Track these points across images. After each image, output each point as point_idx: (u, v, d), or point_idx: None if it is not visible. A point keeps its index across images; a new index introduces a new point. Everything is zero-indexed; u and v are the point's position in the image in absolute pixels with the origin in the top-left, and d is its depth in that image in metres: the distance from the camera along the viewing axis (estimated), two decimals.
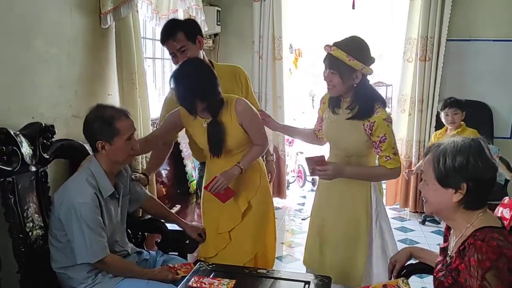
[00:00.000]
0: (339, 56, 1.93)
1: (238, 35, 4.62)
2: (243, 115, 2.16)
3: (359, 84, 1.98)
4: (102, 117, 1.87)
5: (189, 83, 2.03)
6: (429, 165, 1.43)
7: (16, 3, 1.96)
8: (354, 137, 2.02)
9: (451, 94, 4.37)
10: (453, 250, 1.45)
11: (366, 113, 1.97)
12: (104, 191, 1.90)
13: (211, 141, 2.17)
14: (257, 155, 2.27)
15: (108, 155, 1.90)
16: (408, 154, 4.49)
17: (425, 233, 4.12)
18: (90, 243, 1.79)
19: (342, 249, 2.10)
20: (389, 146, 1.96)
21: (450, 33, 4.20)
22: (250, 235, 2.26)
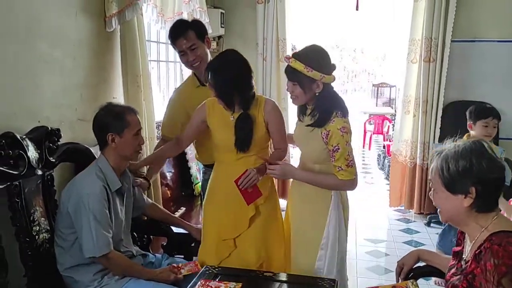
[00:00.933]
0: (298, 68, 1.92)
1: (242, 37, 4.62)
2: (271, 115, 2.14)
3: (320, 93, 1.98)
4: (114, 111, 1.99)
5: (231, 74, 2.03)
6: (435, 174, 1.43)
7: (22, 8, 1.96)
8: (314, 145, 2.01)
9: (455, 95, 4.37)
10: (468, 254, 1.44)
11: (323, 121, 1.97)
12: (112, 184, 1.94)
13: (240, 133, 2.09)
14: (279, 158, 2.20)
15: (117, 149, 1.96)
16: (412, 156, 4.47)
17: (430, 235, 4.10)
18: (97, 236, 1.82)
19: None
20: (341, 157, 1.94)
21: (454, 34, 4.18)
22: (256, 243, 2.16)
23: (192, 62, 2.43)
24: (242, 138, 2.09)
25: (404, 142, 4.54)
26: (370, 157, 7.74)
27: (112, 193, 1.94)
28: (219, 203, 2.18)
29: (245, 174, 2.02)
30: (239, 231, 2.15)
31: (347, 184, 2.01)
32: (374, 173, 6.67)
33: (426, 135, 4.37)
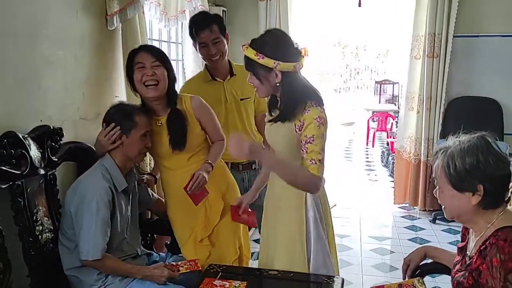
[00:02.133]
0: (250, 56, 1.76)
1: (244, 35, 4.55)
2: (200, 111, 2.15)
3: (282, 82, 1.77)
4: (123, 110, 1.98)
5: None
6: (441, 172, 1.40)
7: (22, 7, 1.95)
8: (286, 139, 1.82)
9: (459, 91, 4.35)
10: (472, 250, 1.42)
11: (290, 114, 1.78)
12: (119, 185, 1.93)
13: (173, 131, 2.07)
14: (221, 150, 2.21)
15: (123, 149, 1.95)
16: (417, 152, 4.45)
17: (436, 232, 4.09)
18: (94, 240, 1.80)
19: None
20: (315, 150, 1.72)
21: (457, 29, 4.16)
22: (232, 232, 2.19)
23: (213, 55, 2.45)
24: (177, 135, 2.07)
25: (408, 139, 4.53)
26: (374, 155, 7.72)
27: (118, 193, 1.93)
28: (185, 208, 2.15)
29: (194, 178, 2.02)
30: (212, 226, 2.15)
31: (315, 182, 1.75)
32: (378, 170, 6.66)
33: (430, 132, 4.35)
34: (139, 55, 2.08)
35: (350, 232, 4.12)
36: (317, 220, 1.93)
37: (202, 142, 2.20)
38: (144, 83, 2.04)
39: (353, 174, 6.42)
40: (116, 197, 1.91)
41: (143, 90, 2.07)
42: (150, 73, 2.03)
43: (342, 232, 4.10)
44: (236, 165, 2.62)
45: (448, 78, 4.23)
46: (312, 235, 1.90)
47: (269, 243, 2.00)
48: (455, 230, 3.99)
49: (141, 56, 2.07)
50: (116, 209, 1.91)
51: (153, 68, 2.04)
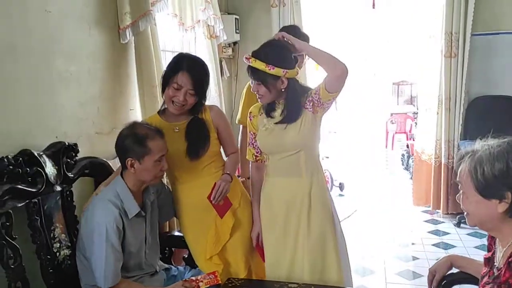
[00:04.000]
0: (259, 67, 1.87)
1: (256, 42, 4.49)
2: (219, 120, 2.15)
3: (287, 88, 1.93)
4: (136, 135, 1.85)
5: (209, 72, 2.11)
6: (466, 177, 1.32)
7: (35, 24, 1.96)
8: (301, 127, 1.94)
9: (479, 90, 4.24)
10: (500, 261, 1.35)
11: (295, 115, 1.94)
12: (129, 211, 1.86)
13: (192, 138, 2.06)
14: (237, 162, 2.25)
15: (135, 174, 1.87)
16: (437, 154, 4.35)
17: (461, 236, 3.97)
18: (106, 268, 1.76)
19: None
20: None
21: (475, 28, 4.06)
22: (242, 250, 2.14)
23: None
24: (196, 143, 2.06)
25: (427, 141, 4.43)
26: (394, 158, 7.58)
27: (130, 219, 1.87)
28: (196, 224, 2.14)
29: (216, 187, 2.01)
30: (221, 244, 2.12)
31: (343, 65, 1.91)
32: (398, 174, 6.54)
33: (451, 133, 4.25)
34: (183, 74, 1.99)
35: (372, 238, 4.04)
36: (339, 221, 2.01)
37: (216, 152, 2.18)
38: (172, 100, 2.03)
39: (373, 178, 6.32)
40: (127, 222, 1.86)
41: (169, 104, 2.07)
42: (182, 98, 2.00)
43: (364, 238, 4.02)
44: None
45: (468, 78, 4.13)
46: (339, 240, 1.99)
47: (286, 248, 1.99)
48: (481, 234, 3.87)
49: (182, 77, 1.99)
50: (128, 234, 1.86)
51: (186, 95, 2.00)
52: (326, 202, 2.03)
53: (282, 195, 2.01)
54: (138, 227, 1.94)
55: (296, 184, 1.98)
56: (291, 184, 1.99)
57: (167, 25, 3.08)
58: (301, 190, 1.98)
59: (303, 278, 1.93)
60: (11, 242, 1.67)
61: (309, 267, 1.93)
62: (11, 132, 1.84)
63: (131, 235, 1.88)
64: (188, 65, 2.01)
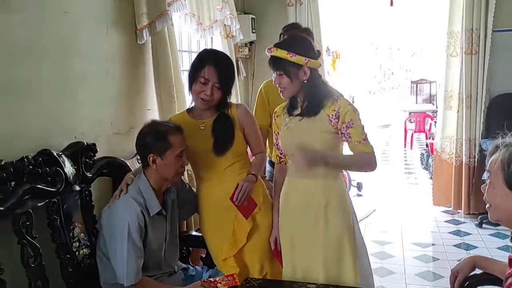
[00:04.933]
0: (281, 55, 1.86)
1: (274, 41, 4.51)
2: (246, 118, 2.13)
3: (309, 80, 1.90)
4: (156, 131, 1.90)
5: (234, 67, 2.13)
6: (497, 167, 1.28)
7: (54, 26, 1.98)
8: (320, 130, 1.89)
9: (501, 87, 4.15)
10: None
11: (315, 108, 1.90)
12: (151, 209, 1.88)
13: (219, 134, 2.05)
14: (263, 163, 2.22)
15: (158, 170, 1.89)
16: (458, 153, 4.27)
17: (482, 236, 3.89)
18: (128, 265, 1.77)
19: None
20: (357, 131, 1.87)
21: (496, 24, 3.98)
22: (257, 255, 2.12)
23: None
24: (222, 138, 2.05)
25: (447, 139, 4.36)
26: (413, 157, 7.49)
27: (151, 217, 1.88)
28: (216, 224, 2.12)
29: (238, 188, 1.98)
30: (237, 248, 2.10)
31: (372, 157, 1.90)
32: (417, 173, 6.45)
33: (472, 132, 4.17)
34: (209, 68, 2.00)
35: (391, 238, 3.98)
36: (359, 231, 1.95)
37: (242, 152, 2.16)
38: (199, 96, 2.04)
39: (391, 178, 6.24)
40: (149, 220, 1.87)
41: (196, 100, 2.08)
42: (209, 93, 2.00)
43: (383, 238, 3.97)
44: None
45: (489, 75, 4.05)
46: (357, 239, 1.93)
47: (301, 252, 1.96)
48: (504, 234, 3.78)
49: (209, 71, 1.99)
50: (149, 232, 1.87)
51: (213, 88, 2.00)
52: (345, 207, 1.96)
53: (298, 196, 1.98)
54: (159, 225, 1.95)
55: (313, 186, 1.93)
56: (307, 186, 1.94)
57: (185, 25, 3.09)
58: (317, 192, 1.93)
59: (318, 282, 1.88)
60: (32, 241, 1.69)
61: (324, 272, 1.89)
62: (30, 133, 1.86)
63: (152, 233, 1.89)
64: (214, 59, 2.03)
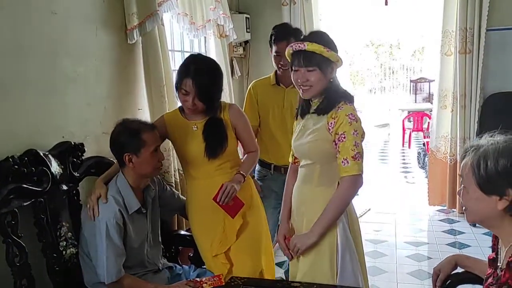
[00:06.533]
0: (316, 50, 1.76)
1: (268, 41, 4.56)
2: (237, 119, 2.15)
3: (333, 78, 1.85)
4: (129, 130, 1.91)
5: (221, 75, 2.09)
6: (469, 170, 1.29)
7: (42, 25, 1.99)
8: (318, 137, 1.82)
9: (495, 86, 4.15)
10: (503, 262, 1.32)
11: (330, 106, 1.81)
12: (130, 207, 1.90)
13: (211, 139, 2.06)
14: (254, 162, 2.24)
15: (135, 168, 1.90)
16: (452, 152, 4.28)
17: (476, 236, 3.89)
18: (107, 264, 1.79)
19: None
20: (346, 146, 1.73)
21: (490, 23, 3.97)
22: (250, 253, 2.13)
23: (284, 65, 2.54)
24: (214, 144, 2.06)
25: (442, 138, 4.36)
26: (410, 156, 7.49)
27: (131, 215, 1.90)
28: (205, 222, 2.14)
29: (222, 189, 1.98)
30: (228, 244, 2.11)
31: (352, 183, 1.76)
32: (414, 172, 6.45)
33: (466, 130, 4.17)
34: (187, 82, 1.98)
35: (385, 237, 3.99)
36: (345, 227, 1.87)
37: (233, 151, 2.18)
38: (184, 104, 2.08)
39: (388, 177, 6.25)
40: (128, 218, 1.89)
41: (183, 105, 2.11)
42: (191, 103, 2.01)
43: (377, 238, 3.97)
44: (278, 167, 2.71)
45: (483, 74, 4.04)
46: (340, 244, 1.83)
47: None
48: None
49: (188, 85, 1.98)
50: (129, 230, 1.89)
51: (195, 99, 2.00)
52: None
53: (294, 198, 1.97)
54: (140, 223, 1.96)
55: (306, 190, 1.91)
56: (303, 189, 1.93)
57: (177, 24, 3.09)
58: (308, 197, 1.90)
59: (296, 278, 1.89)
60: (17, 240, 1.70)
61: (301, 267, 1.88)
62: (17, 132, 1.87)
63: (132, 232, 1.90)
64: (194, 71, 1.99)
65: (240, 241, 2.13)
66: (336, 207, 1.78)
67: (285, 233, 1.97)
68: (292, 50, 1.83)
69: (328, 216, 1.77)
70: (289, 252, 1.90)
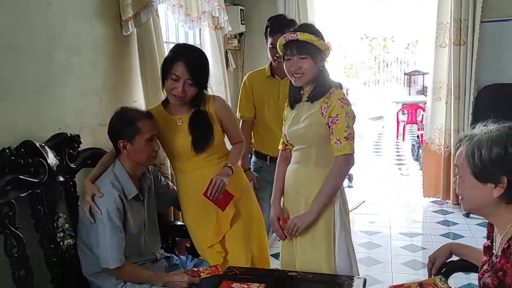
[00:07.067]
0: (308, 39, 1.89)
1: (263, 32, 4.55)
2: (222, 111, 2.15)
3: (323, 66, 1.97)
4: (125, 117, 1.94)
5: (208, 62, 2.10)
6: (463, 160, 1.31)
7: (36, 16, 1.98)
8: (313, 121, 1.92)
9: (489, 78, 4.18)
10: (498, 249, 1.34)
11: (322, 92, 1.93)
12: (128, 193, 1.91)
13: (197, 132, 2.07)
14: (240, 153, 2.25)
15: (129, 156, 1.93)
16: (446, 144, 4.31)
17: (470, 226, 3.94)
18: (111, 249, 1.81)
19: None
20: (339, 128, 1.85)
21: (485, 14, 3.99)
22: (243, 240, 2.16)
23: (279, 57, 2.52)
24: (200, 137, 2.06)
25: (436, 130, 4.39)
26: (405, 148, 7.53)
27: (129, 201, 1.92)
28: (198, 214, 2.15)
29: (212, 183, 1.99)
30: (222, 234, 2.14)
31: (345, 162, 1.87)
32: (408, 164, 6.49)
33: (460, 122, 4.20)
34: (178, 65, 1.98)
35: (380, 229, 4.02)
36: (341, 207, 1.97)
37: (220, 143, 2.19)
38: (172, 92, 2.04)
39: (383, 169, 6.28)
40: (127, 204, 1.91)
41: (169, 96, 2.08)
42: (181, 89, 2.00)
43: (371, 229, 4.01)
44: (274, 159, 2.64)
45: (477, 66, 4.07)
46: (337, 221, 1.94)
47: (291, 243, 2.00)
48: None
49: (179, 68, 1.98)
50: (128, 215, 1.91)
51: (185, 85, 2.00)
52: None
53: (289, 179, 2.05)
54: (137, 210, 1.98)
55: (303, 171, 1.99)
56: (300, 170, 2.01)
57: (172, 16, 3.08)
58: (305, 178, 1.98)
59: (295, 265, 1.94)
60: (15, 231, 1.70)
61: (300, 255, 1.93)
62: (14, 124, 1.86)
63: (131, 218, 1.92)
64: (184, 55, 2.01)
65: (233, 229, 2.16)
66: (332, 185, 1.89)
67: (278, 215, 2.04)
68: (285, 40, 1.94)
69: (325, 194, 1.88)
70: (283, 232, 1.98)
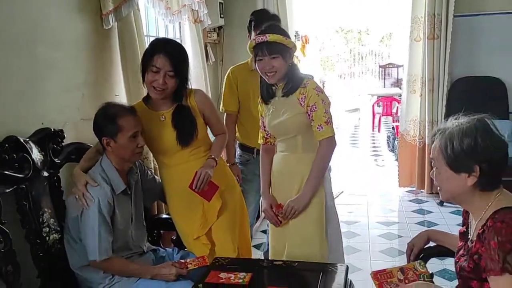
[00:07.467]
0: (277, 40, 2.00)
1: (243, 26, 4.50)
2: (204, 103, 2.18)
3: (292, 62, 2.09)
4: (106, 114, 1.94)
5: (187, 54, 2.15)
6: (438, 153, 1.40)
7: (17, 11, 1.96)
8: (294, 112, 2.05)
9: (462, 71, 4.31)
10: (473, 234, 1.42)
11: (294, 88, 2.06)
12: (116, 187, 1.93)
13: (181, 127, 2.08)
14: (223, 144, 2.30)
15: (113, 152, 1.94)
16: (421, 135, 4.44)
17: (444, 214, 4.08)
18: (99, 241, 1.82)
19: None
20: (319, 114, 2.01)
21: (457, 9, 4.12)
22: (229, 231, 2.21)
23: None
24: (185, 132, 2.08)
25: (411, 122, 4.52)
26: (380, 140, 7.68)
27: (117, 195, 1.94)
28: (184, 206, 2.18)
29: (197, 176, 2.02)
30: (208, 226, 2.17)
31: (329, 143, 2.03)
32: (384, 155, 6.63)
33: (434, 114, 4.33)
34: (158, 57, 1.99)
35: (358, 218, 4.13)
36: (332, 201, 2.12)
37: (204, 135, 2.22)
38: (152, 85, 2.04)
39: (360, 160, 6.41)
40: (115, 198, 1.92)
41: (150, 90, 2.08)
42: (162, 81, 2.00)
43: (350, 218, 4.11)
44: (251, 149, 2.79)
45: (450, 59, 4.20)
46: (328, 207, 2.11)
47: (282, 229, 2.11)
48: None
49: (160, 60, 1.99)
50: (116, 209, 1.92)
51: (166, 77, 2.00)
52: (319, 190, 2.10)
53: (278, 167, 2.15)
54: (125, 205, 2.00)
55: (292, 157, 2.11)
56: (288, 157, 2.12)
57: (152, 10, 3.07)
58: (295, 163, 2.10)
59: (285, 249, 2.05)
60: (1, 226, 1.70)
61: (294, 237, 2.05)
62: None
63: (118, 212, 1.94)
64: (164, 47, 2.03)
65: (219, 221, 2.19)
66: (320, 167, 2.05)
67: (271, 203, 2.14)
68: (255, 42, 2.04)
69: (315, 176, 2.04)
70: (278, 219, 2.09)
